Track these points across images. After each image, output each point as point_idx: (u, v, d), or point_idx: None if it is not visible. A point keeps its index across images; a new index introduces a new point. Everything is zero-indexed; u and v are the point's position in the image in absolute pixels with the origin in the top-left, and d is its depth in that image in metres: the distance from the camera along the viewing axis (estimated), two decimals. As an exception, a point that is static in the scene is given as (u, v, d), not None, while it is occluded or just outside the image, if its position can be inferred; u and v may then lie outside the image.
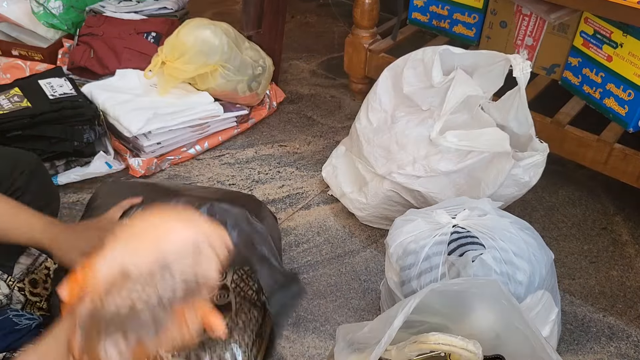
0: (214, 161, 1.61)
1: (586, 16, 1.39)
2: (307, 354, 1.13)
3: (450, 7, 1.67)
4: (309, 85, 1.93)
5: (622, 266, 1.31)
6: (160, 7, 1.89)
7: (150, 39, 1.75)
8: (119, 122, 1.49)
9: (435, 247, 0.97)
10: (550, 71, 1.55)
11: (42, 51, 1.81)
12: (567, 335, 1.16)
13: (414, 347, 0.76)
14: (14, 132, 1.40)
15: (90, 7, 1.86)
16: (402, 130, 1.25)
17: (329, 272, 1.29)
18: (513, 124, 1.23)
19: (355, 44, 1.70)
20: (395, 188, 1.27)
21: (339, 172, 1.43)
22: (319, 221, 1.42)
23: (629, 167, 1.30)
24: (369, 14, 1.64)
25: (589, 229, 1.40)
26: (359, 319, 1.20)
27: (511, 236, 0.96)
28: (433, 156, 1.20)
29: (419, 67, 1.26)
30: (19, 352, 0.88)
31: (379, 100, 1.33)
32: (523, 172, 1.18)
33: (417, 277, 0.98)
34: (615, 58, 1.32)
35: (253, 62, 1.64)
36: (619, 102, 1.35)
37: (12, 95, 1.47)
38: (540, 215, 1.44)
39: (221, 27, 1.57)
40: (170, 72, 1.52)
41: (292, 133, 1.72)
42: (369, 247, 1.36)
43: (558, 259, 1.30)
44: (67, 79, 1.57)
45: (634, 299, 1.23)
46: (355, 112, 1.45)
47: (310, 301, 1.23)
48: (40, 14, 1.77)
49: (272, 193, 1.50)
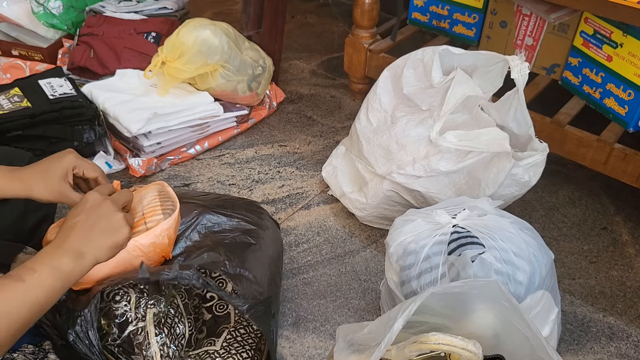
0: (214, 161, 1.61)
1: (586, 16, 1.39)
2: (307, 354, 1.13)
3: (450, 7, 1.67)
4: (309, 85, 1.93)
5: (622, 266, 1.31)
6: (160, 7, 1.89)
7: (150, 39, 1.75)
8: (119, 122, 1.49)
9: (435, 247, 0.97)
10: (550, 71, 1.55)
11: (42, 51, 1.81)
12: (567, 335, 1.16)
13: (414, 347, 0.76)
14: (14, 132, 1.40)
15: (90, 7, 1.86)
16: (402, 130, 1.25)
17: (329, 272, 1.29)
18: (512, 124, 1.23)
19: (355, 44, 1.70)
20: (395, 188, 1.27)
21: (339, 172, 1.43)
22: (319, 221, 1.42)
23: (629, 167, 1.30)
24: (369, 14, 1.64)
25: (589, 229, 1.40)
26: (359, 319, 1.20)
27: (511, 236, 0.96)
28: (433, 156, 1.20)
29: (418, 67, 1.26)
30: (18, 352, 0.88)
31: (378, 100, 1.33)
32: (523, 172, 1.18)
33: (417, 277, 0.98)
34: (615, 58, 1.32)
35: (253, 62, 1.64)
36: (619, 102, 1.35)
37: (12, 95, 1.47)
38: (540, 215, 1.44)
39: (221, 27, 1.57)
40: (170, 72, 1.52)
41: (292, 133, 1.72)
42: (369, 247, 1.36)
43: (558, 259, 1.30)
44: (67, 79, 1.57)
45: (634, 299, 1.23)
46: (355, 112, 1.45)
47: (310, 301, 1.23)
48: (40, 14, 1.77)
49: (272, 193, 1.50)
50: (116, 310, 0.91)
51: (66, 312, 0.88)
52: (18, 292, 0.73)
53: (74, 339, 0.86)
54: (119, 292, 0.92)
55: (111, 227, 0.84)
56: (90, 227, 0.83)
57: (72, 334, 0.86)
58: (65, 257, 0.78)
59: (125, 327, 0.90)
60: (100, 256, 0.83)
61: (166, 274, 0.89)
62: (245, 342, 1.03)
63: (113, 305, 0.91)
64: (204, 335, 1.05)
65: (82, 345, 0.86)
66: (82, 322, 0.86)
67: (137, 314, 0.91)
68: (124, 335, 0.90)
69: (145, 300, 0.93)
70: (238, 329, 1.05)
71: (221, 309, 1.09)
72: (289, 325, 1.18)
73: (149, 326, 0.91)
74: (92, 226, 0.83)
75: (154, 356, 0.90)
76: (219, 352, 1.00)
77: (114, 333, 0.90)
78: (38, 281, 0.75)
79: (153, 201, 1.02)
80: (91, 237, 0.82)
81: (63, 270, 0.77)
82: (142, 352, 0.90)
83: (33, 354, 0.91)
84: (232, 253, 1.03)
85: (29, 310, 0.73)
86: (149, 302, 0.93)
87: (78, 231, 0.82)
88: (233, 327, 1.06)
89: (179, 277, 0.89)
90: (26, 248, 1.02)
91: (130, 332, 0.90)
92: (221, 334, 1.04)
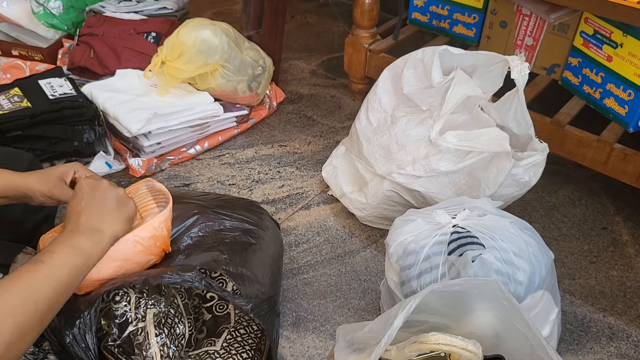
0: (214, 161, 1.61)
1: (586, 16, 1.39)
2: (307, 354, 1.13)
3: (450, 7, 1.67)
4: (309, 85, 1.93)
5: (622, 266, 1.31)
6: (160, 7, 1.89)
7: (150, 39, 1.75)
8: (119, 122, 1.49)
9: (435, 247, 0.97)
10: (550, 71, 1.55)
11: (42, 51, 1.81)
12: (567, 335, 1.16)
13: (414, 347, 0.76)
14: (14, 132, 1.40)
15: (90, 7, 1.86)
16: (402, 130, 1.26)
17: (329, 272, 1.29)
18: (512, 124, 1.23)
19: (355, 44, 1.70)
20: (395, 188, 1.27)
21: (339, 172, 1.43)
22: (319, 221, 1.42)
23: (629, 167, 1.30)
24: (369, 14, 1.64)
25: (589, 229, 1.40)
26: (359, 319, 1.20)
27: (511, 236, 0.96)
28: (433, 156, 1.20)
29: (418, 68, 1.26)
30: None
31: (379, 100, 1.33)
32: (523, 172, 1.18)
33: (417, 277, 0.98)
34: (615, 58, 1.32)
35: (253, 62, 1.64)
36: (619, 102, 1.35)
37: (12, 95, 1.47)
38: (540, 215, 1.44)
39: (221, 27, 1.57)
40: (170, 72, 1.52)
41: (292, 133, 1.72)
42: (369, 247, 1.36)
43: (558, 259, 1.30)
44: (67, 79, 1.57)
45: (634, 299, 1.23)
46: (355, 112, 1.45)
47: (310, 301, 1.23)
48: (40, 14, 1.77)
49: (272, 193, 1.50)
50: (116, 310, 0.91)
51: (64, 313, 0.88)
52: (39, 273, 0.72)
53: (70, 341, 0.85)
54: (118, 293, 0.92)
55: (119, 201, 0.86)
56: (98, 206, 0.83)
57: (69, 336, 0.85)
58: (83, 237, 0.79)
59: (125, 328, 0.90)
60: (118, 231, 0.84)
61: (169, 277, 0.89)
62: (245, 343, 1.03)
63: (113, 305, 0.91)
64: (204, 335, 1.05)
65: (78, 348, 0.85)
66: (80, 324, 0.86)
67: (137, 314, 0.91)
68: (124, 335, 0.90)
69: (145, 301, 0.93)
70: (238, 329, 1.05)
71: (221, 309, 1.09)
72: (289, 325, 1.18)
73: (149, 326, 0.91)
74: (99, 205, 0.83)
75: (154, 357, 0.90)
76: (219, 352, 1.00)
77: (114, 333, 0.90)
78: (59, 261, 0.74)
79: (145, 196, 1.03)
80: (103, 215, 0.83)
81: (83, 249, 0.78)
82: (142, 353, 0.89)
83: (33, 354, 0.91)
84: (233, 252, 1.03)
85: (53, 290, 0.72)
86: (149, 302, 0.93)
87: (87, 213, 0.82)
88: (233, 328, 1.06)
89: (183, 281, 0.89)
90: (26, 248, 1.02)
91: (130, 333, 0.90)
92: (221, 334, 1.04)
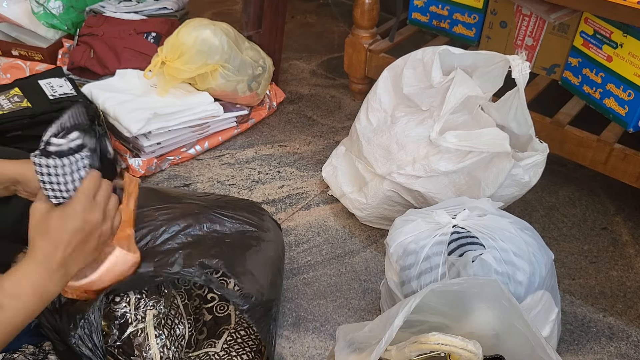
0: (214, 161, 1.61)
1: (586, 16, 1.39)
2: (307, 354, 1.13)
3: (450, 7, 1.67)
4: (309, 85, 1.93)
5: (622, 266, 1.31)
6: (160, 7, 1.89)
7: (150, 39, 1.75)
8: (119, 122, 1.49)
9: (435, 247, 0.97)
10: (550, 71, 1.55)
11: (42, 51, 1.81)
12: (567, 335, 1.16)
13: (414, 347, 0.76)
14: (14, 132, 1.40)
15: (90, 7, 1.86)
16: (402, 130, 1.26)
17: (329, 272, 1.29)
18: (513, 124, 1.23)
19: (355, 44, 1.70)
20: (395, 188, 1.27)
21: (339, 172, 1.43)
22: (319, 221, 1.42)
23: (629, 167, 1.30)
24: (369, 14, 1.64)
25: (589, 229, 1.40)
26: (359, 319, 1.20)
27: (511, 236, 0.96)
28: (433, 156, 1.20)
29: (418, 68, 1.26)
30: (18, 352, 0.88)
31: (378, 100, 1.33)
32: (523, 172, 1.18)
33: (417, 277, 0.98)
34: (615, 58, 1.32)
35: (253, 62, 1.64)
36: (619, 102, 1.35)
37: (12, 95, 1.47)
38: (540, 215, 1.44)
39: (221, 27, 1.57)
40: (170, 72, 1.52)
41: (292, 133, 1.72)
42: (369, 247, 1.36)
43: (558, 259, 1.30)
44: (67, 79, 1.57)
45: (634, 299, 1.23)
46: (355, 112, 1.45)
47: (310, 301, 1.23)
48: (40, 14, 1.77)
49: (272, 193, 1.50)
50: (116, 311, 0.91)
51: (67, 315, 0.88)
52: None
53: (76, 342, 0.85)
54: (118, 293, 0.92)
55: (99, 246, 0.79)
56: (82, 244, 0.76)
57: (75, 336, 0.85)
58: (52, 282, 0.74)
59: (125, 329, 0.90)
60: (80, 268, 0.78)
61: (168, 270, 0.89)
62: (245, 344, 1.03)
63: (113, 306, 0.91)
64: (204, 336, 1.05)
65: (85, 348, 0.85)
66: (85, 324, 0.86)
67: (137, 315, 0.91)
68: (124, 336, 0.90)
69: (145, 302, 0.93)
70: (238, 331, 1.05)
71: (222, 310, 1.09)
72: (289, 325, 1.18)
73: (148, 327, 0.91)
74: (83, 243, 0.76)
75: (154, 357, 0.90)
76: (219, 353, 1.00)
77: (114, 334, 0.90)
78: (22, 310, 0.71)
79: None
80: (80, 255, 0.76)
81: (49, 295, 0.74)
82: (142, 354, 0.89)
83: (33, 354, 0.91)
84: (233, 253, 1.03)
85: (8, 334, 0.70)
86: (148, 303, 0.93)
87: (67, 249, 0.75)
88: (234, 329, 1.06)
89: (182, 272, 0.89)
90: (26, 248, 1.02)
91: (130, 334, 0.90)
92: (221, 335, 1.04)
